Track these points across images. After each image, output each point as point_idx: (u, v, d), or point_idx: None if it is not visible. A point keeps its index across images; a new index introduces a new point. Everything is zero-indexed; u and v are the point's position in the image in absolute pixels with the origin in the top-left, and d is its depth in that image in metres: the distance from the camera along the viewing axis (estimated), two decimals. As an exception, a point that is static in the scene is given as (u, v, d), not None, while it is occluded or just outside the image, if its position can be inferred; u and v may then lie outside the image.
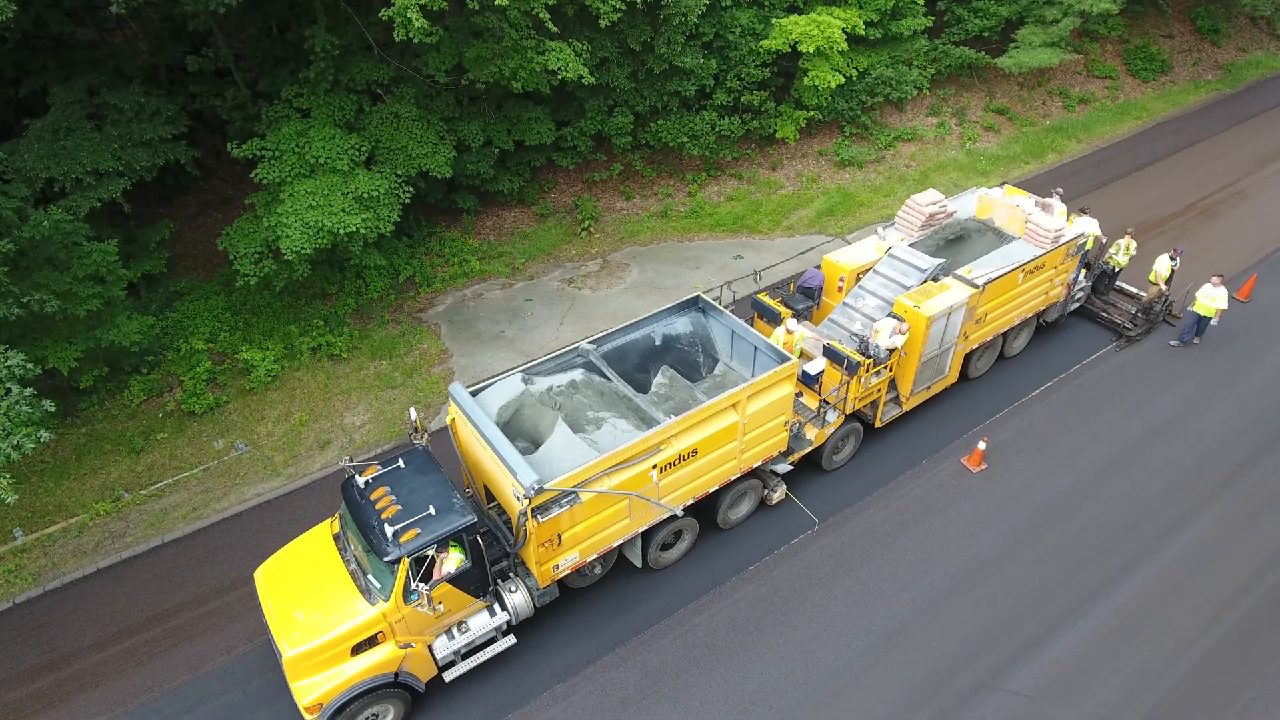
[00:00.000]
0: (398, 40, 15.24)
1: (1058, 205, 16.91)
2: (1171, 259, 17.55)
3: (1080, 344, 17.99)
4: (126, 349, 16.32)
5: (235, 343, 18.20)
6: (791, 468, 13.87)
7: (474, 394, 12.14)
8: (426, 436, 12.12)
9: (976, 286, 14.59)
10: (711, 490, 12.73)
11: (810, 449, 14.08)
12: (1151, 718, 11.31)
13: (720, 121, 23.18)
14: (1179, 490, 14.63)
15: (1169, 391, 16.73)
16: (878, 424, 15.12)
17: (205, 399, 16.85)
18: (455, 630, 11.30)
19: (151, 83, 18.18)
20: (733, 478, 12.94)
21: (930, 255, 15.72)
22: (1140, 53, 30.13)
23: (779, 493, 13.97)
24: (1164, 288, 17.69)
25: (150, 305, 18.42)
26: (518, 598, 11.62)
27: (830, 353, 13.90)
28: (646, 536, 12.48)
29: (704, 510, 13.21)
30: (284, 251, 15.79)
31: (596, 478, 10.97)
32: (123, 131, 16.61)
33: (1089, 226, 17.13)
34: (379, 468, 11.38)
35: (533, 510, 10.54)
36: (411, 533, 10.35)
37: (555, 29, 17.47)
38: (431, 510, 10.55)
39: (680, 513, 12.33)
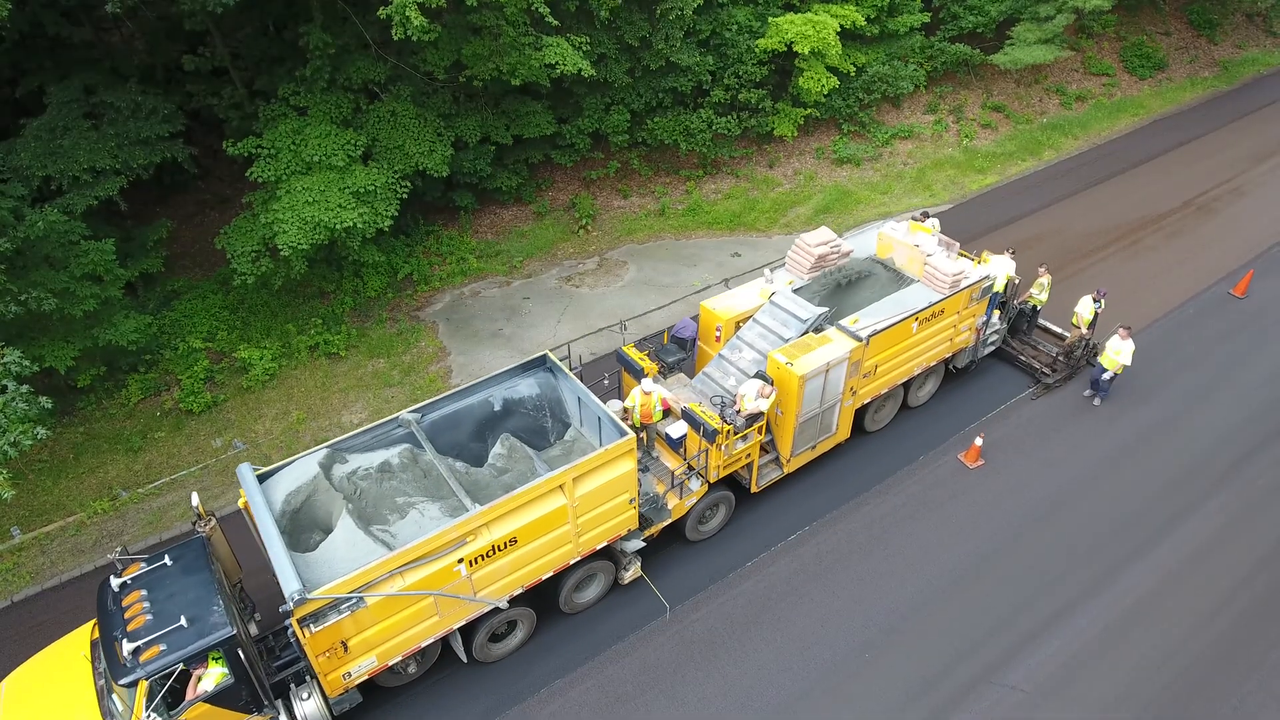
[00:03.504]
0: (396, 39, 15.23)
1: (949, 243, 15.75)
2: (1095, 301, 16.14)
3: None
4: (124, 348, 16.32)
5: (233, 341, 18.20)
6: (645, 544, 12.51)
7: (268, 475, 10.90)
8: (212, 524, 10.72)
9: (860, 339, 13.32)
10: (546, 577, 11.51)
11: (669, 521, 12.80)
12: (1149, 712, 11.33)
13: (717, 120, 23.19)
14: (1177, 485, 14.65)
15: (1167, 387, 16.75)
16: (754, 489, 13.72)
17: (203, 398, 16.86)
18: None
19: (148, 82, 18.19)
20: (571, 562, 11.66)
21: (820, 300, 14.58)
22: (1137, 50, 30.18)
23: (631, 571, 12.64)
24: (1085, 331, 16.36)
25: (148, 304, 18.41)
26: (310, 706, 10.26)
27: (689, 417, 12.54)
28: (473, 628, 11.28)
29: (547, 594, 12.07)
30: (281, 248, 15.79)
31: (383, 579, 9.72)
32: (119, 130, 16.61)
33: (1002, 267, 15.86)
34: (142, 565, 10.07)
35: (302, 620, 9.32)
36: (154, 650, 9.04)
37: (555, 22, 17.46)
38: (183, 621, 9.26)
39: (505, 605, 10.98)
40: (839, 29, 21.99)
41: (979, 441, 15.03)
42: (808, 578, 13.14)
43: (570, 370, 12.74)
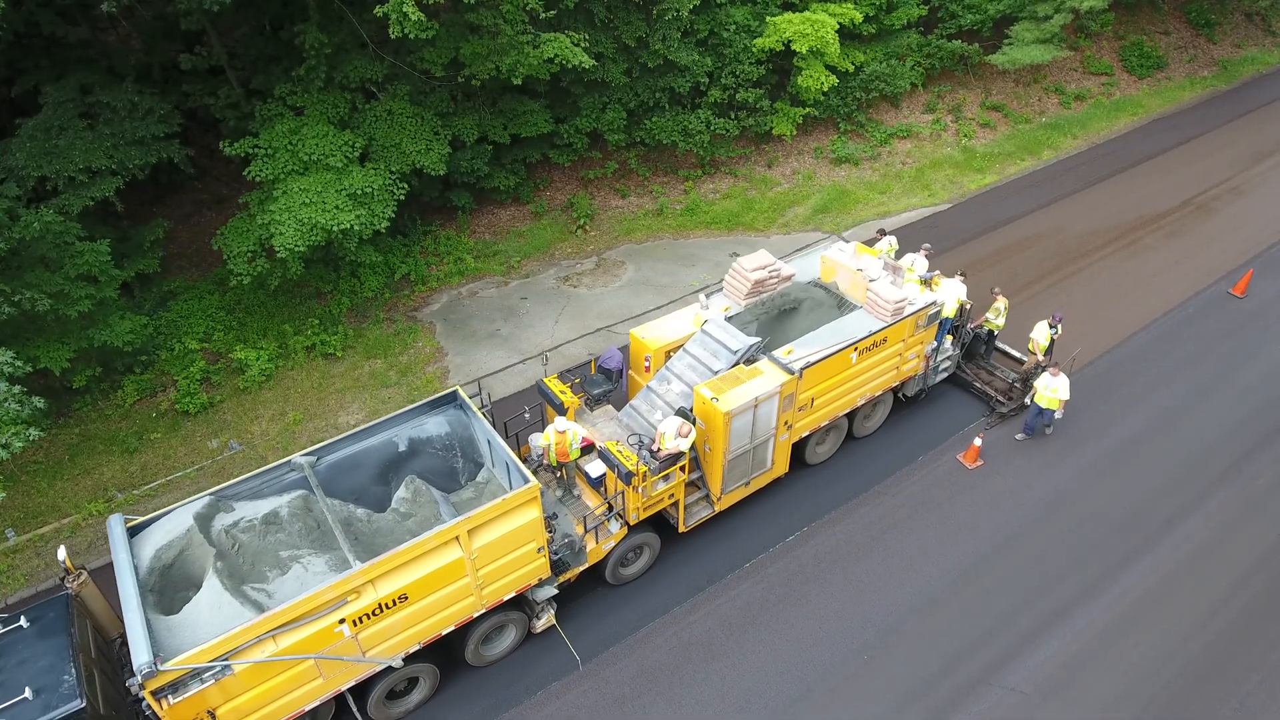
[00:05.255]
0: (393, 36, 15.19)
1: (920, 263, 15.45)
2: (1051, 326, 15.56)
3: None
4: (119, 349, 16.25)
5: (229, 342, 18.14)
6: (556, 592, 11.82)
7: (143, 526, 10.26)
8: (82, 579, 10.08)
9: (792, 372, 12.59)
10: (446, 632, 10.80)
11: (586, 566, 12.19)
12: (1149, 712, 11.28)
13: (715, 121, 23.14)
14: (1176, 484, 14.60)
15: (1166, 386, 16.70)
16: (681, 528, 13.08)
17: (199, 399, 16.79)
18: None
19: (144, 81, 18.12)
20: (475, 615, 10.96)
21: (758, 328, 14.06)
22: (1136, 49, 30.15)
23: (544, 620, 11.95)
24: (1041, 358, 15.71)
25: (144, 305, 18.36)
26: None
27: (604, 457, 11.95)
28: (368, 685, 10.59)
29: (455, 645, 11.43)
30: (277, 249, 15.74)
31: (252, 643, 8.99)
32: (115, 130, 16.55)
33: (952, 292, 15.17)
34: None
35: (159, 691, 8.62)
36: None
37: (551, 13, 17.21)
38: (28, 693, 8.61)
39: (399, 664, 10.33)
40: (837, 27, 21.95)
41: (978, 442, 14.98)
42: (805, 579, 13.09)
43: (480, 408, 12.07)
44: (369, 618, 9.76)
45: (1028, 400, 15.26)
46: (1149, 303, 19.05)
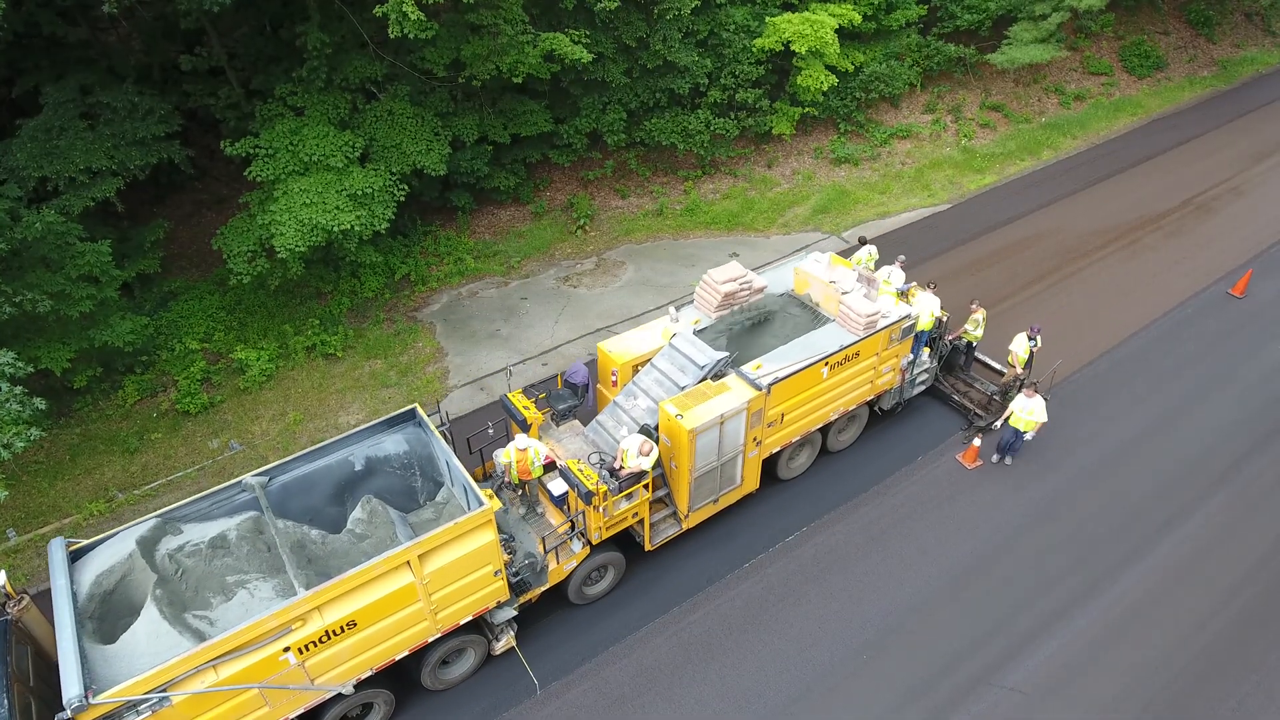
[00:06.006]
0: (393, 36, 15.20)
1: (896, 275, 15.51)
2: (1030, 338, 15.33)
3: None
4: (120, 349, 16.28)
5: (230, 342, 18.16)
6: (516, 613, 11.60)
7: (86, 549, 9.99)
8: (24, 604, 9.86)
9: (760, 388, 12.31)
10: (400, 657, 10.55)
11: (547, 586, 11.93)
12: (1148, 712, 11.30)
13: (715, 121, 23.15)
14: (1176, 484, 14.62)
15: (1166, 387, 16.72)
16: (647, 547, 12.85)
17: (199, 399, 16.81)
18: None
19: (145, 82, 18.13)
20: (430, 639, 10.71)
21: (729, 341, 13.85)
22: (1135, 49, 30.17)
23: (503, 642, 11.71)
24: (1020, 370, 15.48)
25: (144, 305, 18.38)
26: None
27: (565, 475, 11.71)
28: (321, 711, 10.36)
29: (411, 669, 11.20)
30: (277, 249, 15.76)
31: (191, 674, 8.73)
32: (116, 130, 16.57)
33: (927, 304, 14.89)
34: None
35: None
36: None
37: None
38: None
39: (350, 690, 10.13)
40: (836, 27, 21.97)
41: (977, 442, 14.99)
42: (805, 579, 13.10)
43: (438, 428, 11.79)
44: (316, 645, 9.49)
45: (997, 425, 15.00)
46: (1149, 303, 19.07)
